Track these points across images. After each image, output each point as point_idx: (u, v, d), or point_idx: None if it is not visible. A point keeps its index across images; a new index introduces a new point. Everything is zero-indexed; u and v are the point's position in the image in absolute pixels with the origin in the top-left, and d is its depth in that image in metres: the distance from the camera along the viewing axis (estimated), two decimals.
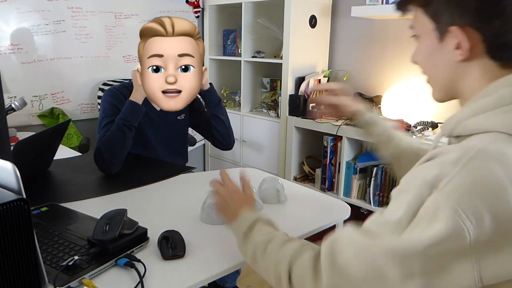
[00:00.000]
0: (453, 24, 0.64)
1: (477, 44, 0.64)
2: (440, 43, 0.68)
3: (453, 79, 0.70)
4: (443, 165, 0.58)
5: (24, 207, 0.67)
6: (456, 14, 0.64)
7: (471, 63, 0.66)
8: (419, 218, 0.58)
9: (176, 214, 1.18)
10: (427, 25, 0.69)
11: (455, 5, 0.64)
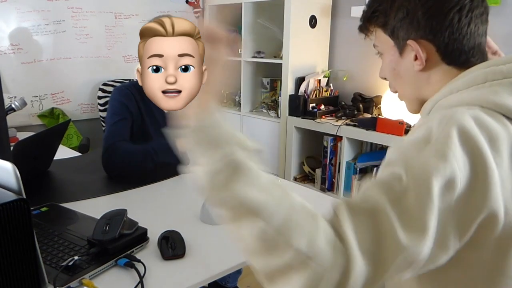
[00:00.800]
0: (409, 38, 0.73)
1: (432, 54, 0.72)
2: (401, 56, 0.76)
3: (419, 87, 0.77)
4: (429, 127, 0.64)
5: (24, 207, 0.67)
6: (410, 30, 0.72)
7: (432, 71, 0.74)
8: None
9: (176, 214, 1.18)
10: (387, 42, 0.78)
11: (408, 23, 0.72)
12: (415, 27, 0.71)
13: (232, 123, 0.79)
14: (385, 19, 0.76)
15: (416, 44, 0.72)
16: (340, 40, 2.83)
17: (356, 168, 2.40)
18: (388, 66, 0.80)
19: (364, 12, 0.80)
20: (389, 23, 0.75)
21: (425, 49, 0.72)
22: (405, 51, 0.75)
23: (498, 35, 2.23)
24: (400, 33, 0.74)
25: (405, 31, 0.73)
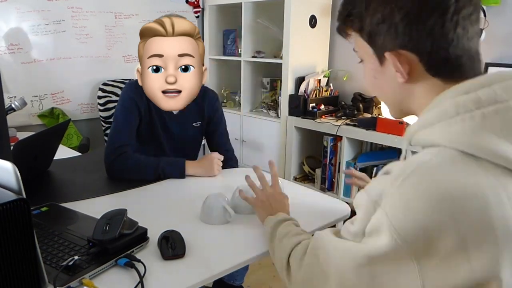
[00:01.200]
0: (387, 49, 0.65)
1: (415, 64, 0.64)
2: (381, 66, 0.69)
3: (402, 99, 0.70)
4: (385, 183, 0.61)
5: (24, 207, 0.67)
6: (388, 38, 0.64)
7: (415, 83, 0.66)
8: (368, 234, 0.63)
9: (176, 214, 1.18)
10: (366, 48, 0.70)
11: (386, 29, 0.64)
12: (392, 35, 0.63)
13: None
14: (360, 24, 0.68)
15: (394, 57, 0.64)
16: (340, 40, 2.82)
17: (356, 168, 2.40)
18: (368, 74, 0.73)
19: (339, 13, 0.73)
20: (365, 28, 0.67)
21: (406, 60, 0.64)
22: (385, 60, 0.67)
23: (498, 35, 2.24)
24: (377, 40, 0.66)
25: (382, 38, 0.65)
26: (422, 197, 0.56)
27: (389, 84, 0.69)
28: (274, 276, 2.18)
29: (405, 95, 0.69)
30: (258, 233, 1.05)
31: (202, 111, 1.62)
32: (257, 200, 1.07)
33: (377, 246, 0.59)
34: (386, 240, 0.58)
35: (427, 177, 0.57)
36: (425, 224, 0.55)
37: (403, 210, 0.57)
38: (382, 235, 0.58)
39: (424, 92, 0.66)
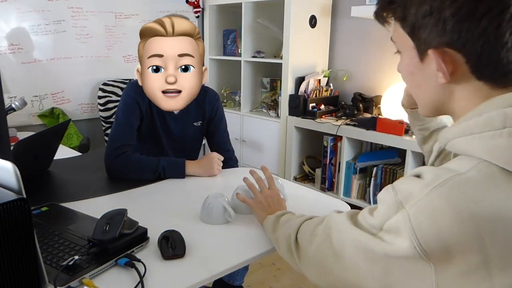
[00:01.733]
0: (431, 45, 0.60)
1: (460, 65, 0.59)
2: (421, 62, 0.64)
3: (440, 100, 0.66)
4: (415, 186, 0.57)
5: (24, 207, 0.67)
6: (434, 33, 0.59)
7: (458, 85, 0.62)
8: (386, 230, 0.60)
9: (176, 214, 1.18)
10: (406, 41, 0.64)
11: (432, 24, 0.58)
12: (439, 30, 0.57)
13: None
14: (403, 13, 0.62)
15: (438, 56, 0.59)
16: (340, 40, 2.83)
17: (356, 167, 2.40)
18: (406, 69, 0.68)
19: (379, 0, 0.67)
20: (408, 19, 0.61)
21: (451, 60, 0.59)
22: (426, 57, 0.62)
23: None
24: (421, 34, 0.60)
25: (427, 32, 0.59)
26: (450, 211, 0.53)
27: (428, 83, 0.64)
28: (274, 276, 2.18)
29: (444, 96, 0.64)
30: (258, 233, 1.05)
31: (203, 111, 1.63)
32: (255, 201, 1.08)
33: (396, 247, 0.57)
34: (405, 244, 0.56)
35: (460, 191, 0.53)
36: (448, 239, 0.53)
37: (428, 220, 0.54)
38: (402, 238, 0.56)
39: (466, 95, 0.62)
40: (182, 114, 1.59)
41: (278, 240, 0.89)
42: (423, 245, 0.54)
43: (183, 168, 1.46)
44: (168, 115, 1.57)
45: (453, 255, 0.53)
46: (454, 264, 0.54)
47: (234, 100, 3.25)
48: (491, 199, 0.52)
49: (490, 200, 0.52)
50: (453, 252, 0.53)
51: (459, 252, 0.53)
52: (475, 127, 0.58)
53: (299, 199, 1.31)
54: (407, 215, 0.56)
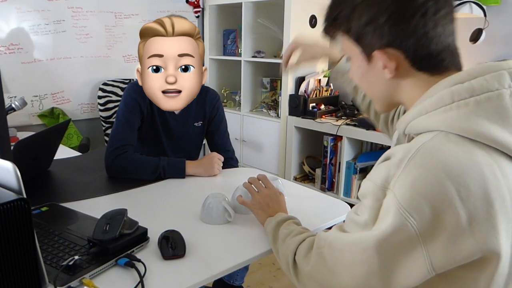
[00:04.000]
0: (375, 48, 0.69)
1: (401, 61, 0.69)
2: (369, 64, 0.73)
3: (390, 94, 0.75)
4: (389, 167, 0.64)
5: (24, 207, 0.67)
6: (375, 38, 0.69)
7: (403, 78, 0.71)
8: (378, 219, 0.65)
9: (176, 214, 1.18)
10: (353, 48, 0.74)
11: (372, 30, 0.69)
12: (379, 34, 0.68)
13: None
14: (347, 26, 0.72)
15: (383, 54, 0.69)
16: None
17: (356, 167, 2.40)
18: (356, 72, 0.78)
19: (325, 17, 0.77)
20: (352, 30, 0.72)
21: (393, 57, 0.69)
22: (373, 58, 0.72)
23: (498, 35, 2.24)
24: (365, 40, 0.71)
25: (369, 38, 0.70)
26: (429, 175, 0.59)
27: (377, 80, 0.74)
28: (274, 276, 2.18)
29: (393, 90, 0.74)
30: (258, 233, 1.05)
31: (203, 111, 1.62)
32: (254, 202, 1.08)
33: (385, 227, 0.61)
34: (392, 219, 0.60)
35: (431, 156, 0.61)
36: (432, 199, 0.59)
37: (411, 188, 0.60)
38: (390, 215, 0.61)
39: (411, 86, 0.72)
40: (182, 114, 1.59)
41: (278, 253, 0.90)
42: (411, 213, 0.59)
43: (183, 168, 1.46)
44: (169, 115, 1.57)
45: (438, 217, 0.59)
46: (441, 229, 0.59)
47: (234, 100, 3.25)
48: (457, 156, 0.60)
49: (457, 157, 0.60)
50: (438, 214, 0.59)
51: (443, 212, 0.58)
52: (429, 106, 0.67)
53: (299, 199, 1.31)
54: (393, 193, 0.62)
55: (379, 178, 0.65)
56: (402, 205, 0.60)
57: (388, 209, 0.62)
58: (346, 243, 0.69)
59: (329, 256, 0.72)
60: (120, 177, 1.44)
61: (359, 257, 0.65)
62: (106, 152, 1.46)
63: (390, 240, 0.61)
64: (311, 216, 1.19)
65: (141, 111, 1.52)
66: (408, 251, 0.61)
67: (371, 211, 0.66)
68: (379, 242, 0.62)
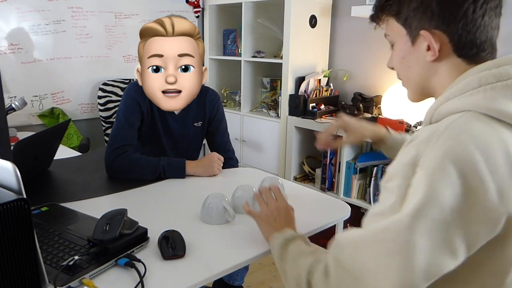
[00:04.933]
0: (422, 28, 0.73)
1: (444, 45, 0.72)
2: (412, 46, 0.76)
3: (426, 78, 0.78)
4: (417, 146, 0.66)
5: (24, 207, 0.67)
6: (424, 20, 0.72)
7: (441, 62, 0.74)
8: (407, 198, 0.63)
9: (176, 214, 1.18)
10: (399, 31, 0.77)
11: (422, 12, 0.72)
12: (428, 17, 0.71)
13: None
14: (398, 8, 0.76)
15: (429, 34, 0.72)
16: (340, 40, 2.83)
17: (356, 167, 2.40)
18: (398, 55, 0.80)
19: (377, 1, 0.81)
20: (402, 12, 0.75)
21: (438, 39, 0.72)
22: (417, 40, 0.75)
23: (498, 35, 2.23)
24: (413, 22, 0.74)
25: (418, 20, 0.73)
26: (458, 147, 0.61)
27: (417, 63, 0.77)
28: (274, 276, 2.18)
29: (430, 74, 0.76)
30: (258, 233, 1.05)
31: (203, 111, 1.62)
32: (261, 214, 1.00)
33: (417, 200, 0.60)
34: (424, 191, 0.60)
35: (460, 131, 0.63)
36: (462, 169, 0.60)
37: (441, 159, 0.61)
38: (421, 188, 0.61)
39: (447, 71, 0.74)
40: (182, 114, 1.59)
41: (286, 273, 0.83)
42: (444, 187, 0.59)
43: (183, 168, 1.46)
44: (169, 115, 1.57)
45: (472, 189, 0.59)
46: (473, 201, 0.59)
47: (234, 100, 3.25)
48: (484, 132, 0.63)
49: (485, 133, 0.63)
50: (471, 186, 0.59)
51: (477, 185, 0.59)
52: (456, 91, 0.70)
53: (299, 199, 1.31)
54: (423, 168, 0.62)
55: (407, 157, 0.66)
56: (432, 176, 0.60)
57: (418, 185, 0.61)
58: (371, 235, 0.64)
59: (351, 260, 0.65)
60: (120, 177, 1.44)
61: (392, 246, 0.60)
62: (106, 152, 1.46)
63: (425, 214, 0.59)
64: (311, 216, 1.19)
65: (141, 111, 1.52)
66: (443, 228, 0.59)
67: (399, 190, 0.64)
68: (413, 219, 0.59)
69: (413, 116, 2.21)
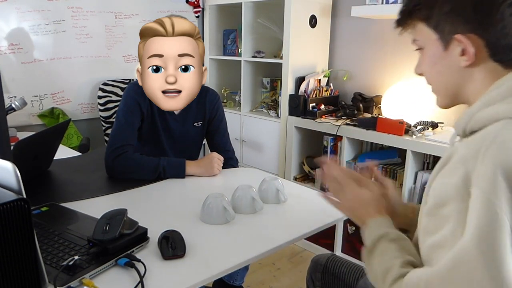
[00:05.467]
0: (456, 33, 0.69)
1: (480, 49, 0.68)
2: (444, 51, 0.72)
3: (460, 84, 0.73)
4: (465, 163, 0.61)
5: (24, 207, 0.67)
6: (457, 23, 0.69)
7: (476, 68, 0.70)
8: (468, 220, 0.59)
9: (176, 214, 1.18)
10: (430, 36, 0.73)
11: (455, 16, 0.69)
12: (462, 20, 0.68)
13: None
14: (428, 13, 0.72)
15: (466, 38, 0.68)
16: (340, 40, 2.83)
17: (356, 168, 2.40)
18: (428, 61, 0.76)
19: (404, 5, 0.77)
20: (433, 17, 0.72)
21: (474, 44, 0.68)
22: (450, 45, 0.71)
23: None
24: (445, 26, 0.70)
25: (451, 24, 0.69)
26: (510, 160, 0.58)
27: (449, 69, 0.73)
28: (274, 276, 2.18)
29: (464, 80, 0.73)
30: (258, 233, 1.05)
31: (203, 111, 1.62)
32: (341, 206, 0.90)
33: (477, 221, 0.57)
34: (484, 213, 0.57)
35: (509, 140, 0.60)
36: None
37: (494, 176, 0.58)
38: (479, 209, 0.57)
39: (483, 76, 0.70)
40: (182, 115, 1.59)
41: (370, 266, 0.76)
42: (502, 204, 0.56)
43: (183, 168, 1.46)
44: (169, 115, 1.57)
45: None
46: None
47: (234, 100, 3.25)
48: None
49: None
50: None
51: None
52: (496, 97, 0.66)
53: (299, 199, 1.31)
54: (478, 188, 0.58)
55: (457, 178, 0.61)
56: (488, 194, 0.57)
57: (476, 207, 0.58)
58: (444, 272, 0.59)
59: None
60: (120, 177, 1.44)
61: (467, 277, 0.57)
62: (106, 152, 1.46)
63: (489, 234, 0.56)
64: (311, 216, 1.19)
65: (141, 111, 1.52)
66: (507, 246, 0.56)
67: (458, 216, 0.60)
68: (479, 240, 0.56)
69: (413, 116, 2.21)
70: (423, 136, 2.06)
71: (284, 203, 1.27)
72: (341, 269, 1.13)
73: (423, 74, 0.80)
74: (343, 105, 2.62)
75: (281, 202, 1.27)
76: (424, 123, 2.16)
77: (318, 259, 1.20)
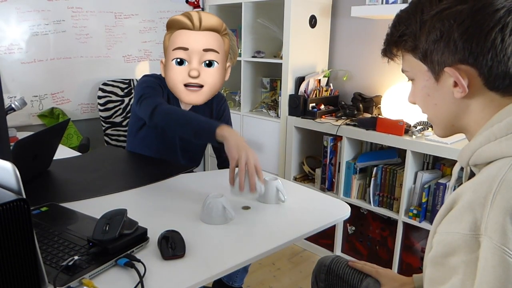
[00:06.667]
0: (446, 64, 0.65)
1: (474, 79, 0.65)
2: (436, 83, 0.69)
3: (456, 115, 0.70)
4: (473, 210, 0.58)
5: (24, 207, 0.67)
6: (446, 54, 0.65)
7: (472, 98, 0.67)
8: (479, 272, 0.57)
9: (176, 214, 1.18)
10: (419, 67, 0.70)
11: (443, 46, 0.65)
12: (451, 50, 0.64)
13: None
14: (414, 43, 0.68)
15: (455, 71, 0.65)
16: (340, 40, 2.83)
17: (356, 168, 2.40)
18: (420, 92, 0.73)
19: (388, 35, 0.73)
20: (420, 47, 0.68)
21: (466, 74, 0.65)
22: (441, 76, 0.68)
23: None
24: (434, 57, 0.67)
25: (440, 55, 0.66)
26: None
27: (444, 101, 0.70)
28: (274, 276, 2.18)
29: (460, 111, 0.69)
30: (258, 233, 1.05)
31: (210, 111, 1.63)
32: None
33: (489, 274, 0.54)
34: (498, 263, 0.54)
35: None
36: None
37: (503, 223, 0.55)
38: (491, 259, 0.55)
39: (480, 106, 0.67)
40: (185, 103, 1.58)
41: None
42: None
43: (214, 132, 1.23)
44: None
45: None
46: None
47: (234, 100, 3.25)
48: None
49: None
50: None
51: None
52: (499, 132, 0.63)
53: (299, 199, 1.31)
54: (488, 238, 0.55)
55: (465, 225, 0.58)
56: (499, 243, 0.54)
57: (487, 257, 0.55)
58: None
59: None
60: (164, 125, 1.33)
61: None
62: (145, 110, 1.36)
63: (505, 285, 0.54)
64: (311, 216, 1.19)
65: (162, 92, 1.50)
66: None
67: (467, 267, 0.57)
68: None
69: (413, 116, 2.21)
70: (423, 136, 2.06)
71: (284, 203, 1.27)
72: (345, 270, 1.13)
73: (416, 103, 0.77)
74: (343, 105, 2.62)
75: (281, 202, 1.27)
76: (424, 123, 2.16)
77: (323, 260, 1.20)
